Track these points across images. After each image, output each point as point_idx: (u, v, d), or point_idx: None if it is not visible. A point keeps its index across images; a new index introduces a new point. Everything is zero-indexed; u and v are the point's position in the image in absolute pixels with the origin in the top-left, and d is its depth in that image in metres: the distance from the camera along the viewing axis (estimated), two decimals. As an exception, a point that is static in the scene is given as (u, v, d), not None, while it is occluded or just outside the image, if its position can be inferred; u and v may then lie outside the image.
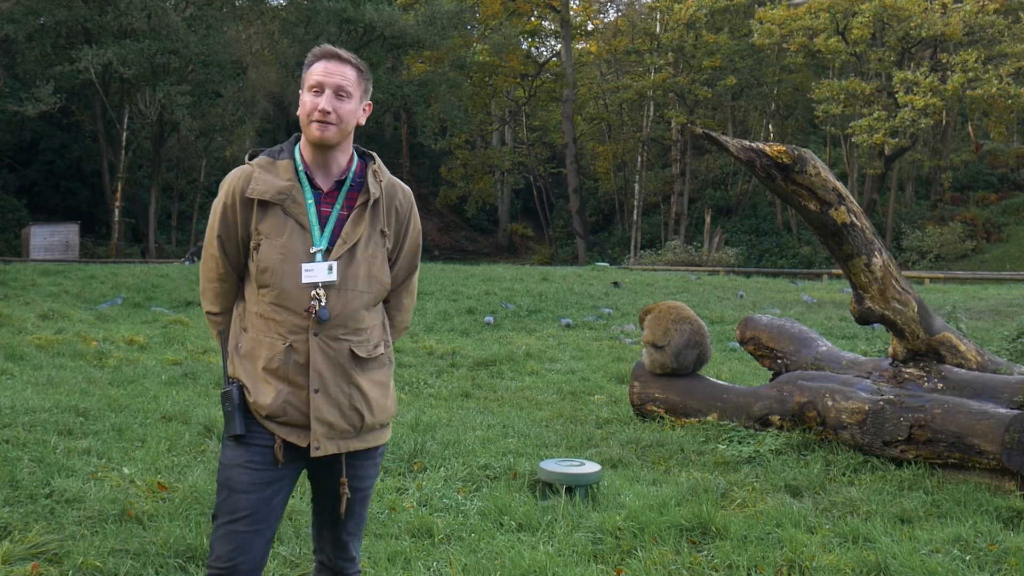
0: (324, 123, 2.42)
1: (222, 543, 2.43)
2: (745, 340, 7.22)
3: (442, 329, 12.81)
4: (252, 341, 2.47)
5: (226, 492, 2.46)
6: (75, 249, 32.58)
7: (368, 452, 2.57)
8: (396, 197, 2.58)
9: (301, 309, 2.42)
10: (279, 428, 2.45)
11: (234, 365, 2.49)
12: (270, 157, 2.51)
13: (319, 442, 2.44)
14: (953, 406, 5.17)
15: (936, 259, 34.87)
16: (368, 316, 2.51)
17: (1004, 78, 32.35)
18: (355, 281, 2.46)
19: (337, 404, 2.45)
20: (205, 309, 2.61)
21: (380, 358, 2.56)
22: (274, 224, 2.44)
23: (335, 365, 2.44)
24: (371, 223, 2.50)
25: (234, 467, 2.46)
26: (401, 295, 2.68)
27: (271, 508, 2.46)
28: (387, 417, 2.59)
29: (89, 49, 30.58)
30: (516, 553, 3.84)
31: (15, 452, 5.08)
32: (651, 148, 46.51)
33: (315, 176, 2.50)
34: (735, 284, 21.75)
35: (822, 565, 3.80)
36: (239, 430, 2.45)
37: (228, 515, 2.43)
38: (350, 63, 2.48)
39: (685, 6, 39.39)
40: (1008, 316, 14.72)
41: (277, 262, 2.42)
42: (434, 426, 6.43)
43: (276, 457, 2.44)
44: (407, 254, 2.64)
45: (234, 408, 2.45)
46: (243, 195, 2.45)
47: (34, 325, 11.26)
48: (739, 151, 5.38)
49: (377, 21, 36.32)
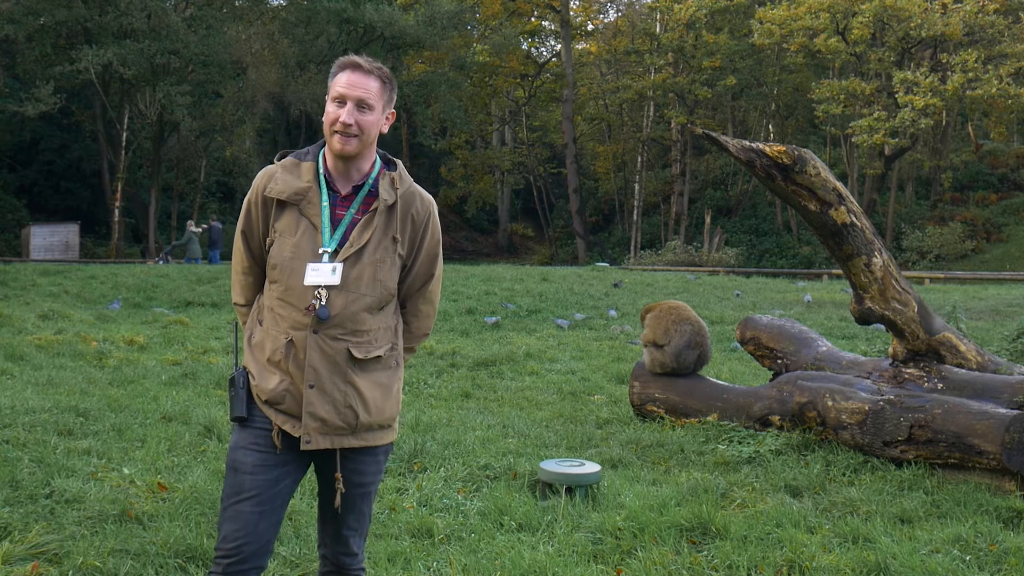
0: (346, 135, 2.49)
1: (228, 523, 2.49)
2: (745, 340, 7.22)
3: (442, 329, 12.81)
4: (262, 333, 2.57)
5: (233, 473, 2.53)
6: (75, 249, 32.60)
7: (369, 450, 2.60)
8: (414, 205, 2.61)
9: (303, 306, 2.48)
10: (276, 415, 2.51)
11: (245, 354, 2.60)
12: (296, 159, 2.59)
13: (310, 436, 2.49)
14: (953, 406, 5.17)
15: (936, 259, 34.88)
16: (371, 319, 2.54)
17: (1004, 78, 32.36)
18: (358, 284, 2.50)
19: (332, 401, 2.50)
20: (233, 300, 2.75)
21: (384, 360, 2.59)
22: (289, 223, 2.52)
23: (331, 363, 2.49)
24: (383, 229, 2.55)
25: (239, 449, 2.53)
26: (417, 302, 2.71)
27: (277, 491, 2.51)
28: (387, 418, 2.61)
29: (89, 49, 30.58)
30: (516, 553, 3.84)
31: (15, 452, 5.08)
32: (651, 148, 46.52)
33: (335, 180, 2.56)
34: (735, 284, 21.75)
35: (822, 565, 3.80)
36: (241, 412, 2.53)
37: (234, 495, 2.50)
38: (373, 74, 2.52)
39: (685, 6, 39.40)
40: (1008, 316, 14.72)
41: (287, 259, 2.50)
42: (434, 426, 6.43)
43: (274, 442, 2.51)
44: (423, 262, 2.66)
45: (238, 392, 2.53)
46: (264, 194, 2.54)
47: (34, 325, 11.26)
48: (739, 151, 5.38)
49: (377, 21, 36.34)
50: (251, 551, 2.47)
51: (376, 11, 36.21)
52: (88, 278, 17.14)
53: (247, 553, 2.47)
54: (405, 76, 42.70)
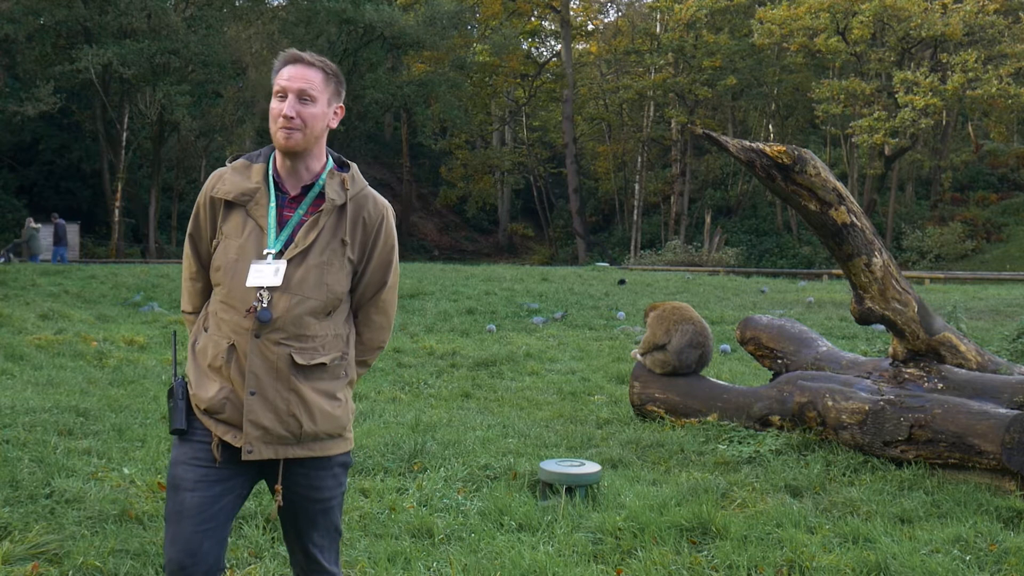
0: (289, 129, 2.41)
1: (171, 546, 2.38)
2: (745, 340, 7.22)
3: (442, 329, 12.81)
4: (206, 339, 2.47)
5: (173, 491, 2.42)
6: (75, 249, 32.59)
7: (320, 462, 2.48)
8: (365, 208, 2.50)
9: (245, 308, 2.40)
10: (216, 425, 2.41)
11: (188, 361, 2.50)
12: (247, 160, 2.53)
13: (252, 445, 2.38)
14: (953, 406, 5.17)
15: (936, 259, 34.88)
16: (316, 324, 2.43)
17: (1004, 78, 32.38)
18: (302, 286, 2.40)
19: (273, 408, 2.39)
20: (181, 307, 2.65)
21: (331, 368, 2.47)
22: (236, 224, 2.44)
23: (272, 369, 2.38)
24: (332, 230, 2.45)
25: (179, 464, 2.42)
26: (370, 311, 2.59)
27: (220, 508, 2.40)
28: (335, 428, 2.48)
29: (89, 49, 30.59)
30: (516, 553, 3.84)
31: (15, 452, 5.08)
32: (651, 148, 46.53)
33: (284, 180, 2.49)
34: (735, 284, 21.75)
35: (822, 565, 3.80)
36: (180, 424, 2.42)
37: (175, 515, 2.39)
38: (314, 65, 2.46)
39: (685, 6, 39.42)
40: (1008, 316, 14.72)
41: (231, 261, 2.41)
42: (434, 426, 6.43)
43: (213, 455, 2.40)
44: (375, 269, 2.54)
45: (176, 403, 2.44)
46: (211, 195, 2.48)
47: (34, 325, 11.26)
48: (739, 151, 5.38)
49: (377, 21, 36.35)
50: (199, 572, 2.37)
51: (376, 11, 36.22)
52: (88, 278, 17.14)
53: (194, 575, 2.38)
54: (405, 76, 42.73)
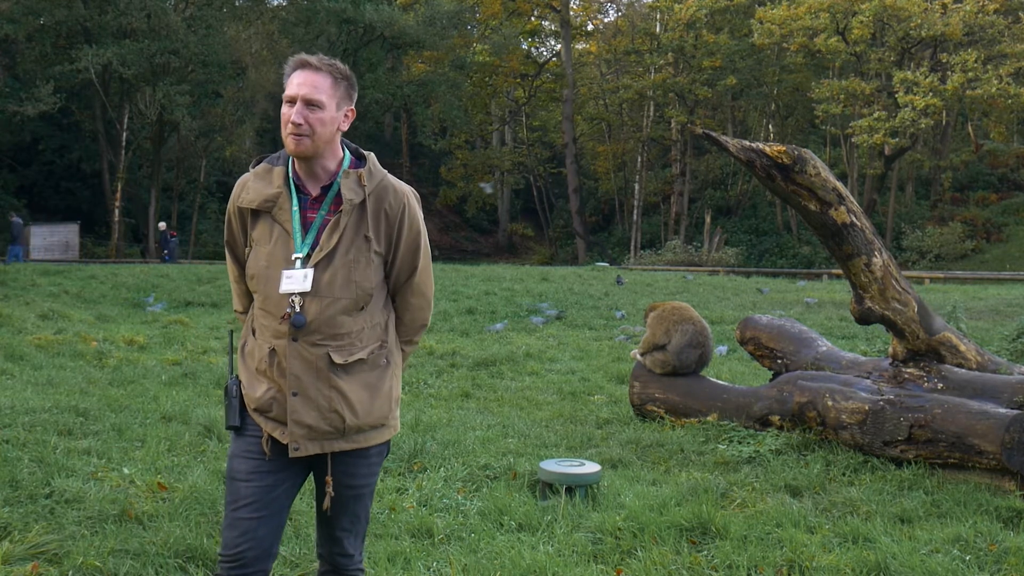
0: (297, 136, 2.43)
1: (228, 530, 2.51)
2: (745, 340, 7.21)
3: (442, 329, 12.81)
4: (252, 343, 2.57)
5: (230, 481, 2.55)
6: (75, 249, 32.62)
7: (359, 452, 2.58)
8: (386, 200, 2.53)
9: (280, 315, 2.47)
10: (266, 422, 2.51)
11: (238, 362, 2.62)
12: (269, 164, 2.55)
13: (298, 443, 2.48)
14: (953, 406, 5.17)
15: (936, 259, 34.87)
16: (350, 321, 2.49)
17: (1004, 78, 32.36)
18: (331, 288, 2.46)
19: (316, 407, 2.47)
20: (233, 307, 2.77)
21: (370, 361, 2.54)
22: (263, 231, 2.51)
23: (313, 369, 2.46)
24: (354, 229, 2.49)
25: (235, 457, 2.55)
26: (406, 294, 2.65)
27: (274, 497, 2.52)
28: (376, 419, 2.56)
29: (89, 49, 30.58)
30: (516, 553, 3.84)
31: (15, 452, 5.08)
32: (651, 148, 46.51)
33: (304, 182, 2.52)
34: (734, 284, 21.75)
35: (822, 565, 3.80)
36: (234, 421, 2.55)
37: (232, 503, 2.52)
38: (323, 70, 2.46)
39: (685, 6, 39.40)
40: (1008, 316, 14.72)
41: (263, 269, 2.49)
42: (434, 426, 6.43)
43: (263, 449, 2.51)
44: (404, 255, 2.59)
45: (231, 401, 2.55)
46: (238, 205, 2.54)
47: (34, 325, 11.27)
48: (739, 151, 5.38)
49: (377, 21, 36.34)
50: (252, 556, 2.48)
51: (376, 11, 36.21)
52: (88, 278, 17.15)
53: (248, 558, 2.48)
54: (405, 76, 42.71)
